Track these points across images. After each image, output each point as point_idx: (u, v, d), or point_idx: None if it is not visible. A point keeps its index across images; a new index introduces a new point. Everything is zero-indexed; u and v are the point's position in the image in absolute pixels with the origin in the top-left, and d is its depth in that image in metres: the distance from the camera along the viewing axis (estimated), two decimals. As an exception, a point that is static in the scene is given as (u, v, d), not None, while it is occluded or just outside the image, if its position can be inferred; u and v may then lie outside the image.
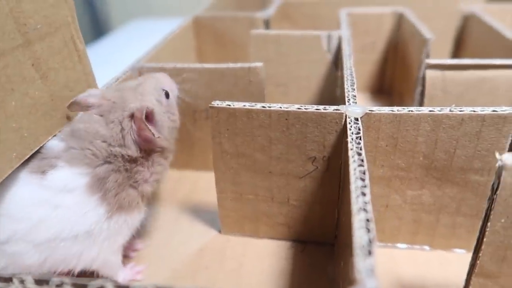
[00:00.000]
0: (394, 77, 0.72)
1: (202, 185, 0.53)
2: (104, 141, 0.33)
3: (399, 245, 0.41)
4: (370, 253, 0.21)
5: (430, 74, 0.45)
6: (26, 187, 0.31)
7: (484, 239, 0.28)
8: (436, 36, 0.53)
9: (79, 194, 0.32)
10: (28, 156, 0.32)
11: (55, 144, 0.34)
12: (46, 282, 0.20)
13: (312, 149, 0.36)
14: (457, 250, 0.40)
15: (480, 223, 0.28)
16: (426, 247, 0.41)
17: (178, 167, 0.55)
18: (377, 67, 0.73)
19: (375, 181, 0.38)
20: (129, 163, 0.34)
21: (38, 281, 0.21)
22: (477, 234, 0.29)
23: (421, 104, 0.47)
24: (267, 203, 0.41)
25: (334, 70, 0.58)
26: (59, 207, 0.31)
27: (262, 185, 0.40)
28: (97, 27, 1.46)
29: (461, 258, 0.40)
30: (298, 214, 0.41)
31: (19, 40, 0.31)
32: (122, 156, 0.33)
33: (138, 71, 0.48)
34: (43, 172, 0.31)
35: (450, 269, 0.39)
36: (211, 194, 0.43)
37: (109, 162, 0.33)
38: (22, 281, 0.21)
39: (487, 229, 0.28)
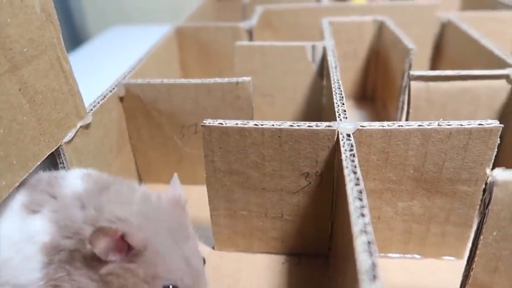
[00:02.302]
0: (377, 84, 0.73)
1: (193, 199, 0.52)
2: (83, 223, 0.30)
3: (391, 254, 0.42)
4: (375, 278, 0.21)
5: (414, 85, 0.46)
6: (10, 222, 0.30)
7: (477, 251, 0.29)
8: (415, 43, 0.54)
9: (36, 250, 0.29)
10: (17, 184, 0.31)
11: (71, 186, 0.31)
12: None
13: (305, 165, 0.37)
14: (447, 258, 0.41)
15: (470, 230, 0.29)
16: (417, 256, 0.42)
17: (166, 182, 0.54)
18: (359, 74, 0.74)
19: (367, 194, 0.38)
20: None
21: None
22: (466, 241, 0.30)
23: (407, 113, 0.48)
24: (260, 219, 0.41)
25: (320, 80, 0.59)
26: (19, 253, 0.29)
27: (255, 201, 0.40)
28: (74, 35, 1.43)
29: (451, 265, 0.41)
30: (292, 228, 0.41)
31: (5, 66, 0.30)
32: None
33: (125, 87, 0.48)
34: (33, 211, 0.30)
35: (441, 277, 0.40)
36: (202, 209, 0.43)
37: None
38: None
39: (480, 242, 0.29)
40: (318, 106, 0.60)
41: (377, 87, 0.72)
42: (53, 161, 0.38)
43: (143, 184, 0.35)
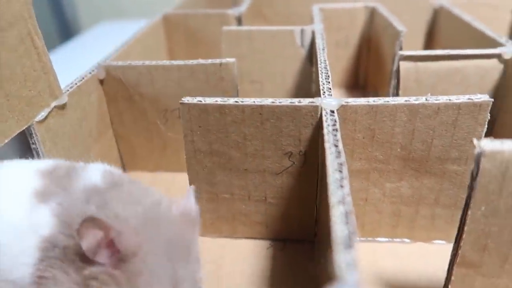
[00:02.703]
0: (368, 72, 0.71)
1: (177, 187, 0.51)
2: None
3: (379, 239, 0.41)
4: (350, 246, 0.19)
5: (403, 65, 0.45)
6: (20, 207, 0.28)
7: (465, 228, 0.27)
8: (408, 30, 0.53)
9: (34, 244, 0.27)
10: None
11: (85, 180, 0.29)
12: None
13: (288, 144, 0.35)
14: (437, 242, 0.40)
15: (461, 212, 0.28)
16: (407, 240, 0.40)
17: (150, 170, 0.53)
18: (351, 63, 0.73)
19: (354, 174, 0.37)
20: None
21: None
22: (457, 224, 0.29)
23: (396, 95, 0.46)
24: (243, 202, 0.40)
25: (309, 66, 0.57)
26: (20, 243, 0.27)
27: (238, 184, 0.38)
28: (65, 29, 1.42)
29: (441, 249, 0.39)
30: (276, 212, 0.40)
31: (-33, 35, 0.28)
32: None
33: (104, 69, 0.46)
34: (42, 201, 0.28)
35: (431, 261, 0.38)
36: (186, 195, 0.42)
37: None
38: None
39: (468, 218, 0.27)
40: (307, 92, 0.59)
41: (369, 75, 0.71)
42: (26, 142, 0.36)
43: (127, 172, 0.32)
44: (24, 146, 0.37)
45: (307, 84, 0.58)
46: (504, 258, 0.28)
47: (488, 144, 0.25)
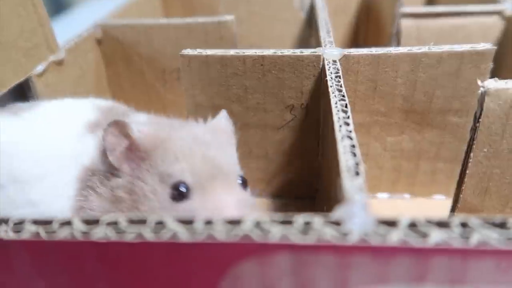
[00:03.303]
0: (368, 38, 0.71)
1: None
2: None
3: (379, 195, 0.41)
4: (357, 173, 0.19)
5: (404, 23, 0.44)
6: (70, 135, 0.29)
7: (467, 171, 0.28)
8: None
9: (76, 174, 0.28)
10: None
11: (135, 118, 0.30)
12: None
13: (290, 96, 0.35)
14: (437, 197, 0.40)
15: (463, 154, 0.28)
16: (407, 195, 0.41)
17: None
18: (350, 29, 0.72)
19: (355, 128, 0.37)
20: None
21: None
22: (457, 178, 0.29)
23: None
24: (244, 159, 0.39)
25: (308, 30, 0.57)
26: (62, 172, 0.28)
27: (239, 139, 0.38)
28: (57, 2, 1.38)
29: (441, 204, 0.39)
30: (277, 169, 0.40)
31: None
32: None
33: (101, 28, 0.45)
34: (91, 131, 0.29)
35: (430, 215, 0.38)
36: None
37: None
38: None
39: (470, 160, 0.27)
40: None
41: (369, 41, 0.70)
42: (24, 96, 0.36)
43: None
44: (22, 101, 0.36)
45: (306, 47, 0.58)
46: (505, 202, 0.28)
47: (492, 83, 0.25)
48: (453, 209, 0.30)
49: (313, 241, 0.16)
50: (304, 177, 0.40)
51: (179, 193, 0.24)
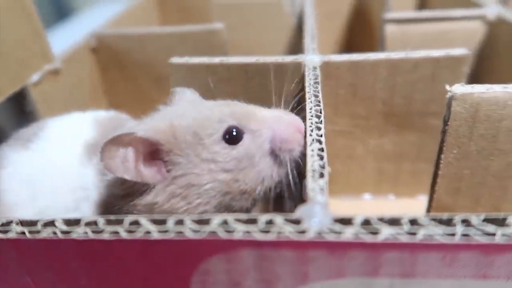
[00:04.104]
0: (359, 42, 0.72)
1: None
2: None
3: (364, 195, 0.42)
4: (322, 175, 0.21)
5: (389, 28, 0.45)
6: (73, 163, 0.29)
7: (439, 172, 0.29)
8: (399, 2, 0.53)
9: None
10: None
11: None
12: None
13: (273, 102, 0.36)
14: (421, 197, 0.41)
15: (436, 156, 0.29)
16: (392, 196, 0.42)
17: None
18: (342, 34, 0.73)
19: (338, 131, 0.38)
20: None
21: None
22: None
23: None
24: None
25: (299, 35, 0.58)
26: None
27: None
28: (59, 11, 1.41)
29: (425, 204, 0.41)
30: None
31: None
32: None
33: (96, 38, 0.47)
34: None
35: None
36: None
37: None
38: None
39: (441, 162, 0.28)
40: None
41: (360, 46, 0.72)
42: (21, 106, 0.37)
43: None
44: (18, 110, 0.38)
45: (297, 53, 0.59)
46: (476, 200, 0.29)
47: (458, 88, 0.26)
48: (428, 209, 0.31)
49: (274, 238, 0.17)
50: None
51: (232, 137, 0.26)
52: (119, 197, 0.26)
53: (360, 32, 0.70)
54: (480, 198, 0.29)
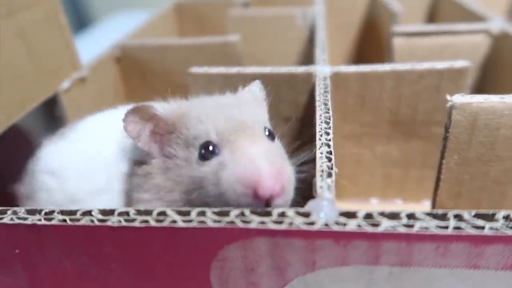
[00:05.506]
0: (369, 54, 0.74)
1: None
2: None
3: (372, 200, 0.44)
4: (329, 175, 0.23)
5: (397, 41, 0.47)
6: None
7: (441, 177, 0.31)
8: (408, 13, 0.55)
9: None
10: (15, 120, 0.34)
11: None
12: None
13: (286, 109, 0.39)
14: (426, 202, 0.43)
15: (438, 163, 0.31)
16: (399, 201, 0.44)
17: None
18: (353, 45, 0.76)
19: (347, 138, 0.40)
20: None
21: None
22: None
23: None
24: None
25: (310, 47, 0.60)
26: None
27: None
28: (77, 19, 1.46)
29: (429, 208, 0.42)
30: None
31: (3, 9, 0.32)
32: None
33: (120, 48, 0.50)
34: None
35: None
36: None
37: None
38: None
39: (443, 167, 0.30)
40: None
41: (370, 57, 0.74)
42: (51, 111, 0.40)
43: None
44: (49, 115, 0.41)
45: (308, 64, 0.62)
46: (476, 204, 0.31)
47: (458, 98, 0.28)
48: (431, 212, 0.33)
49: (285, 228, 0.20)
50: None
51: (206, 152, 0.26)
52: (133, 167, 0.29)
53: (370, 44, 0.72)
54: (480, 202, 0.31)
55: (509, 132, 0.28)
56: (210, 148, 0.26)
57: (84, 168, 0.30)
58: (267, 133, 0.28)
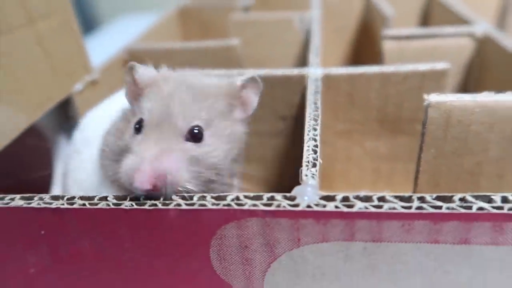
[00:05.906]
0: (365, 57, 0.77)
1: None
2: None
3: (362, 193, 0.47)
4: (314, 165, 0.26)
5: (387, 44, 0.51)
6: None
7: (420, 169, 0.34)
8: (401, 17, 0.58)
9: None
10: (34, 120, 0.37)
11: None
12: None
13: (281, 109, 0.42)
14: (413, 195, 0.46)
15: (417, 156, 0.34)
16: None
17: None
18: (349, 49, 0.79)
19: (338, 134, 0.43)
20: None
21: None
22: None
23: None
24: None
25: (306, 51, 0.64)
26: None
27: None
28: (83, 23, 1.50)
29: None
30: (274, 170, 0.47)
31: (24, 19, 0.36)
32: None
33: (128, 51, 0.54)
34: None
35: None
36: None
37: None
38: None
39: (421, 160, 0.33)
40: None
41: (366, 61, 0.77)
42: (65, 111, 0.44)
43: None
44: (62, 116, 0.44)
45: (303, 66, 0.65)
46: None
47: (434, 97, 0.31)
48: (413, 201, 0.36)
49: (274, 209, 0.23)
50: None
51: (137, 129, 0.28)
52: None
53: (365, 46, 0.75)
54: (456, 192, 0.34)
55: (479, 128, 0.31)
56: (137, 125, 0.28)
57: (100, 121, 0.34)
58: (195, 131, 0.28)
